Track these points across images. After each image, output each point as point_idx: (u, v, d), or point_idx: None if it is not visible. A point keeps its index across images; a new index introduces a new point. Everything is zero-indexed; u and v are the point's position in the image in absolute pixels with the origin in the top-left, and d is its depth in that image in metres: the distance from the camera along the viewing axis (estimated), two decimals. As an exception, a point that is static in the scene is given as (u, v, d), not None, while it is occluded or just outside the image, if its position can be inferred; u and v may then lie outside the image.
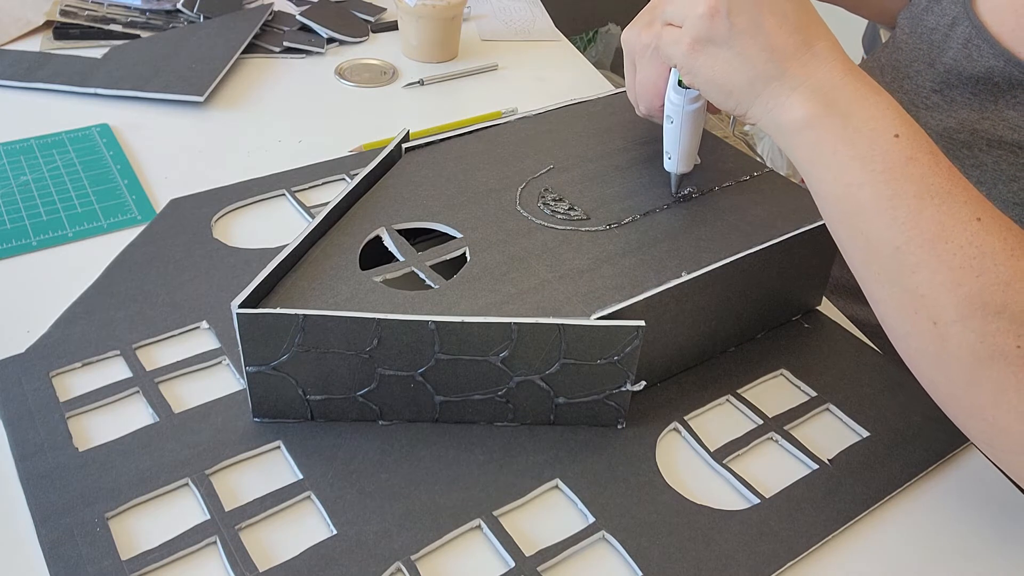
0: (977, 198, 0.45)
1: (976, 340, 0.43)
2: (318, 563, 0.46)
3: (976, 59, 0.64)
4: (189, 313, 0.61)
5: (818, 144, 0.48)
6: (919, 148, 0.46)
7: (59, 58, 0.91)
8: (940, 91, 0.67)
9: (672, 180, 0.63)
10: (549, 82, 0.97)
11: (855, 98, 0.48)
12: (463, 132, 0.69)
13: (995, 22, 0.63)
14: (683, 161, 0.61)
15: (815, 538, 0.49)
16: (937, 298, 0.44)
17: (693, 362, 0.59)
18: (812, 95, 0.49)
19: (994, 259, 0.43)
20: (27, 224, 0.69)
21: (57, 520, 0.47)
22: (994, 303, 0.43)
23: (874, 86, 0.49)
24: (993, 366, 0.43)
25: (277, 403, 0.53)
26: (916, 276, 0.45)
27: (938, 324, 0.44)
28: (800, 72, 0.49)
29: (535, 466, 0.52)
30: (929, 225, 0.44)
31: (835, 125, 0.48)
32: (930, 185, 0.45)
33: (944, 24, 0.67)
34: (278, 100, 0.89)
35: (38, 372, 0.55)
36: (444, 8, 0.95)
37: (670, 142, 0.61)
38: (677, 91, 0.58)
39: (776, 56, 0.49)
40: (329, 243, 0.57)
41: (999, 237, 0.44)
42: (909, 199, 0.45)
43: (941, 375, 0.46)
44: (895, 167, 0.46)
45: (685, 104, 0.58)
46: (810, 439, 0.56)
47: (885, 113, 0.47)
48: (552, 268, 0.55)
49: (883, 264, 0.46)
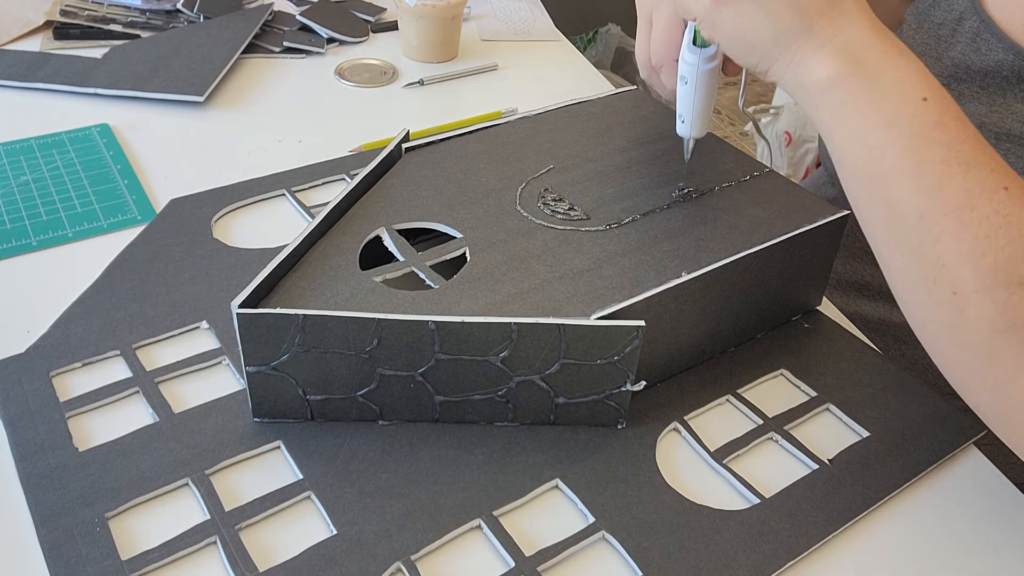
0: (1004, 167, 0.44)
1: (997, 312, 0.42)
2: (318, 563, 0.46)
3: (985, 53, 0.64)
4: (189, 313, 0.61)
5: (843, 105, 0.47)
6: (947, 112, 0.45)
7: (59, 58, 0.91)
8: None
9: (685, 145, 0.61)
10: (549, 82, 0.97)
11: (883, 59, 0.46)
12: (463, 132, 0.69)
13: (1004, 16, 0.63)
14: (697, 124, 0.59)
15: (815, 538, 0.49)
16: (960, 268, 0.43)
17: (693, 362, 0.59)
18: (839, 54, 0.47)
19: (1021, 229, 0.42)
20: (27, 224, 0.69)
21: (57, 520, 0.47)
22: (1018, 274, 0.42)
23: (901, 47, 0.47)
24: (1013, 337, 0.42)
25: (277, 403, 0.53)
26: (939, 245, 0.43)
27: (958, 294, 0.43)
28: (827, 29, 0.47)
29: (535, 466, 0.52)
30: (955, 193, 0.43)
31: (862, 86, 0.46)
32: (957, 152, 0.44)
33: (952, 19, 0.67)
34: (278, 100, 0.89)
35: (38, 372, 0.55)
36: (444, 8, 0.95)
37: (684, 104, 0.58)
38: (692, 50, 0.56)
39: (802, 11, 0.47)
40: (329, 243, 0.57)
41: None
42: (935, 165, 0.43)
43: (957, 348, 0.45)
44: (922, 131, 0.44)
45: (701, 63, 0.56)
46: (810, 439, 0.56)
47: (913, 75, 0.46)
48: (552, 268, 0.55)
49: (905, 232, 0.45)
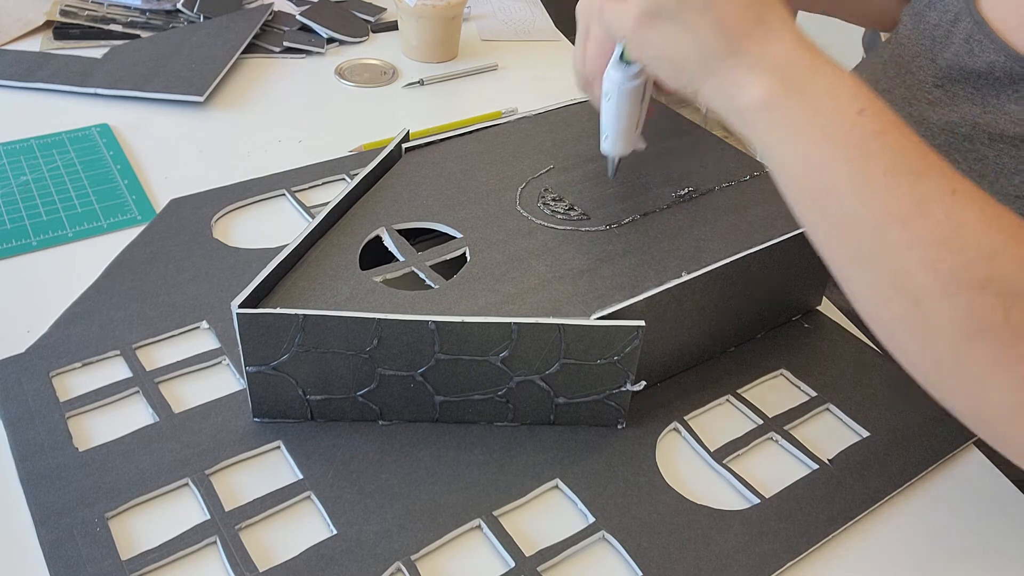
0: (950, 171, 0.43)
1: (962, 316, 0.41)
2: (318, 563, 0.46)
3: (978, 54, 0.64)
4: (189, 313, 0.61)
5: (778, 124, 0.46)
6: (886, 122, 0.44)
7: (59, 58, 0.91)
8: (942, 86, 0.67)
9: (608, 163, 0.60)
10: (549, 82, 0.97)
11: (814, 73, 0.45)
12: (463, 132, 0.69)
13: (997, 18, 0.63)
14: (620, 142, 0.58)
15: (815, 538, 0.49)
16: (919, 276, 0.42)
17: (693, 362, 0.59)
18: (768, 73, 0.46)
19: (973, 232, 0.41)
20: (27, 224, 0.69)
21: (57, 520, 0.47)
22: (978, 277, 0.41)
23: (831, 60, 0.46)
24: (981, 341, 0.41)
25: (277, 403, 0.53)
26: (895, 255, 0.43)
27: (921, 302, 0.42)
28: (754, 48, 0.46)
29: (535, 466, 0.52)
30: (904, 201, 0.42)
31: (795, 103, 0.45)
32: (900, 160, 0.43)
33: (947, 20, 0.67)
34: (278, 100, 0.89)
35: (38, 372, 0.55)
36: (444, 8, 0.95)
37: (607, 121, 0.57)
38: (617, 67, 0.55)
39: (727, 32, 0.47)
40: (329, 243, 0.57)
41: (976, 209, 0.42)
42: (880, 175, 0.43)
43: (926, 355, 0.44)
44: (863, 143, 0.43)
45: (624, 81, 0.55)
46: (810, 439, 0.56)
47: (847, 87, 0.45)
48: (552, 268, 0.55)
49: (857, 245, 0.44)
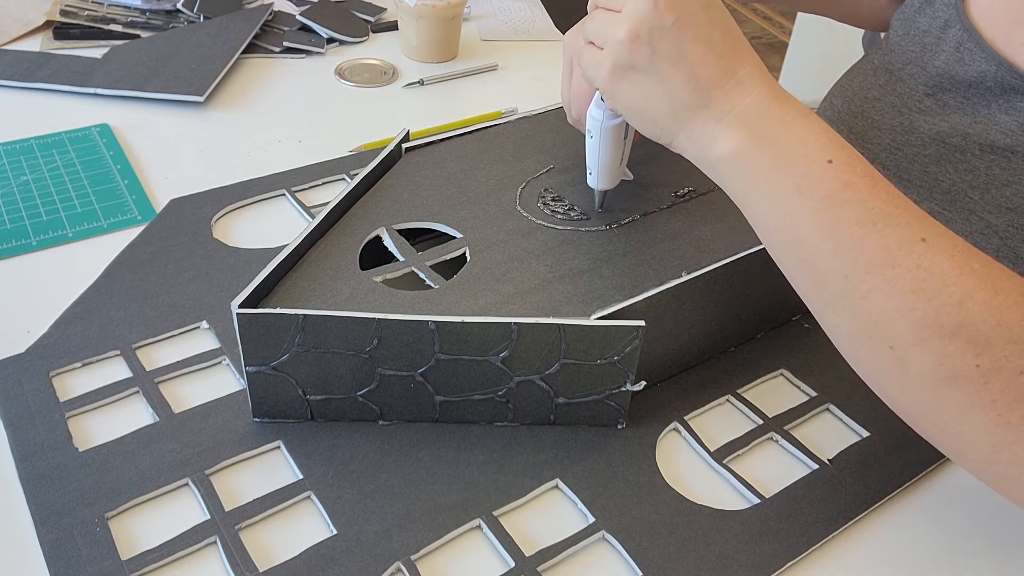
0: (920, 217, 0.44)
1: (935, 363, 0.42)
2: (318, 563, 0.46)
3: (968, 63, 0.63)
4: (189, 313, 0.61)
5: (750, 176, 0.47)
6: (855, 172, 0.44)
7: (59, 58, 0.91)
8: (933, 95, 0.66)
9: (595, 196, 0.61)
10: (549, 82, 0.97)
11: (783, 125, 0.46)
12: (463, 132, 0.69)
13: (987, 26, 0.63)
14: (604, 177, 0.59)
15: (815, 538, 0.49)
16: (892, 323, 0.43)
17: (693, 362, 0.59)
18: (739, 125, 0.47)
19: (944, 279, 0.42)
20: (27, 224, 0.69)
21: (57, 520, 0.47)
22: (949, 324, 0.42)
23: (803, 109, 0.47)
24: (955, 387, 0.42)
25: (277, 403, 0.53)
26: (868, 303, 0.43)
27: (895, 349, 0.43)
28: (724, 101, 0.47)
29: (535, 466, 0.52)
30: (874, 251, 0.43)
31: (765, 155, 0.46)
32: (870, 209, 0.43)
33: (936, 27, 0.67)
34: (278, 100, 0.89)
35: (38, 372, 0.55)
36: (444, 8, 0.95)
37: (591, 158, 0.59)
38: (599, 106, 0.56)
39: (699, 85, 0.47)
40: (329, 243, 0.57)
41: (947, 256, 0.42)
42: (850, 226, 0.43)
43: (905, 397, 0.45)
44: (832, 193, 0.44)
45: (605, 119, 0.56)
46: (810, 439, 0.56)
47: (817, 138, 0.46)
48: (552, 268, 0.55)
49: (833, 293, 0.45)
